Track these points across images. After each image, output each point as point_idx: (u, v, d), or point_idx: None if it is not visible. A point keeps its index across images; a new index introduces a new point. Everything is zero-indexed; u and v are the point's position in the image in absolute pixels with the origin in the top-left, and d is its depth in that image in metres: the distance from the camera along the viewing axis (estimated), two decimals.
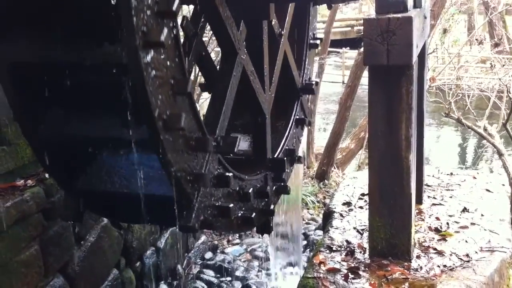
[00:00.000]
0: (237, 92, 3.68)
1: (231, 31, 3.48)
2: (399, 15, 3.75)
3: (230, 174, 3.32)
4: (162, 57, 2.54)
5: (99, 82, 2.79)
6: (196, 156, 2.96)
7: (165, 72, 2.57)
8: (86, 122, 3.02)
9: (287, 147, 4.80)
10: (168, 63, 2.59)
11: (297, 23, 5.20)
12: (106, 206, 3.53)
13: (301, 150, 6.52)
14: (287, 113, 5.10)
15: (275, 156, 4.58)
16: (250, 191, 3.70)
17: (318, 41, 5.60)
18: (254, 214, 3.76)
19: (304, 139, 7.91)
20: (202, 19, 4.61)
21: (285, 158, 4.56)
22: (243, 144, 4.55)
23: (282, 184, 4.52)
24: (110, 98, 2.71)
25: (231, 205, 3.35)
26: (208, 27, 4.64)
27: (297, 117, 5.17)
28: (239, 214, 3.64)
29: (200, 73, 5.37)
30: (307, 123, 5.40)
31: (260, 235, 7.53)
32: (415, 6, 4.24)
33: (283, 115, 5.05)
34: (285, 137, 4.86)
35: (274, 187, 4.41)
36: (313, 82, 5.42)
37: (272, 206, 4.20)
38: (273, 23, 4.35)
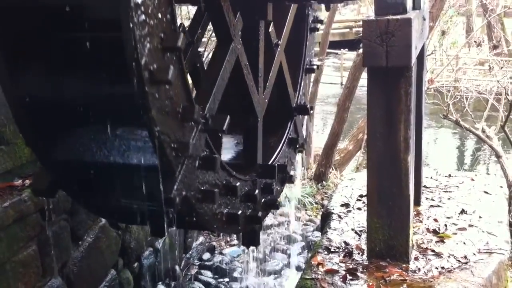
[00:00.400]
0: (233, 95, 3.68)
1: (228, 16, 3.44)
2: (398, 17, 3.76)
3: (217, 156, 3.26)
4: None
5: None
6: (183, 126, 2.85)
7: (154, 25, 2.52)
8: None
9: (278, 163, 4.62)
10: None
11: (294, 49, 5.19)
12: (83, 181, 3.39)
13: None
14: (279, 132, 4.93)
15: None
16: (237, 184, 3.54)
17: (314, 66, 5.59)
18: (240, 212, 3.66)
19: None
20: (199, 30, 4.62)
21: (276, 167, 4.31)
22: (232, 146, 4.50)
23: (272, 198, 4.30)
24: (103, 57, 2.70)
25: (216, 190, 3.26)
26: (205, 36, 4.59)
27: (290, 136, 4.98)
28: (224, 211, 3.54)
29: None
30: (300, 144, 5.26)
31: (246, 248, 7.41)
32: (414, 8, 4.24)
33: (275, 134, 4.90)
34: (276, 154, 4.71)
35: (263, 199, 4.20)
36: (309, 106, 5.32)
37: (260, 214, 3.94)
38: (270, 30, 4.31)
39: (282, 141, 4.83)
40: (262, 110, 4.19)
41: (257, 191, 3.95)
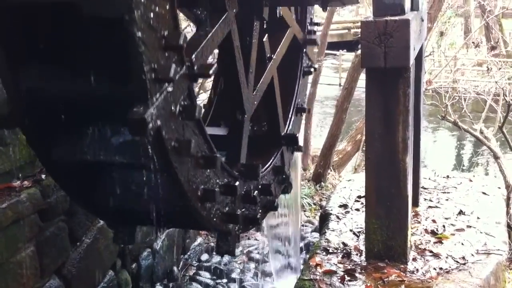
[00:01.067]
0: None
1: None
2: (397, 18, 3.77)
3: (217, 155, 3.26)
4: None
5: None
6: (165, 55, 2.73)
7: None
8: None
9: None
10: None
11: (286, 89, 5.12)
12: (83, 180, 3.32)
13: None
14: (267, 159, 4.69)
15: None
16: (237, 184, 3.52)
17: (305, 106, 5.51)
18: (239, 212, 3.66)
19: (301, 139, 7.90)
20: None
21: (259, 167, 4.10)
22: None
23: (270, 199, 4.24)
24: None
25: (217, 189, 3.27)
26: None
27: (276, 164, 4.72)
28: (224, 210, 3.51)
29: None
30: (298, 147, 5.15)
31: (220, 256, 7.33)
32: (412, 9, 4.25)
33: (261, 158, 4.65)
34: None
35: (262, 201, 4.13)
36: (297, 136, 5.13)
37: (258, 215, 3.89)
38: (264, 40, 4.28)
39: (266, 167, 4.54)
40: (251, 109, 4.03)
41: (255, 192, 3.93)
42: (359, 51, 8.55)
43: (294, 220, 6.81)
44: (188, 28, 8.06)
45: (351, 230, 4.95)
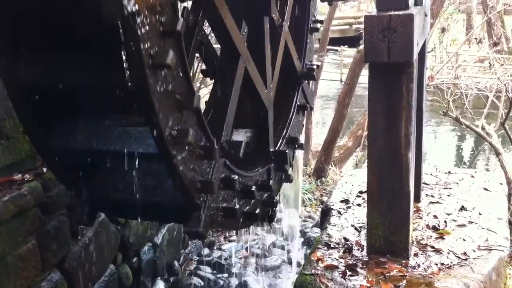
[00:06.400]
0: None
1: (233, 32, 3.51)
2: (400, 13, 3.75)
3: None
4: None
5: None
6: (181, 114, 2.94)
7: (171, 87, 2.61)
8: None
9: None
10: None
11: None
12: (81, 171, 3.38)
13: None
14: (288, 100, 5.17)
15: None
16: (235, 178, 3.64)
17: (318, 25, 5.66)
18: (238, 207, 3.71)
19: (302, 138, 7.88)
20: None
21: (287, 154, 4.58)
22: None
23: (270, 195, 4.41)
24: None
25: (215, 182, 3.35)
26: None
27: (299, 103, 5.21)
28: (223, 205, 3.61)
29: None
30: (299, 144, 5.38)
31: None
32: (416, 4, 4.23)
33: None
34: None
35: (262, 197, 4.33)
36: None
37: (257, 211, 3.97)
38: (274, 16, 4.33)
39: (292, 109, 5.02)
40: (270, 103, 4.26)
41: (254, 187, 3.98)
42: (361, 47, 8.52)
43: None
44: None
45: (352, 225, 4.94)
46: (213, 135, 3.15)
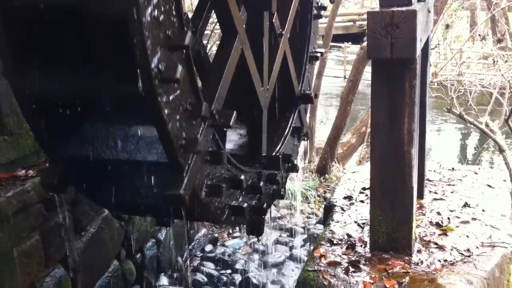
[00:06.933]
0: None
1: (233, 9, 3.43)
2: (403, 9, 3.73)
3: (224, 151, 3.29)
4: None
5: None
6: (191, 123, 2.90)
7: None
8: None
9: None
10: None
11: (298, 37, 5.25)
12: (90, 177, 3.37)
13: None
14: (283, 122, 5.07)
15: None
16: (242, 177, 3.63)
17: (318, 54, 5.62)
18: (246, 205, 3.72)
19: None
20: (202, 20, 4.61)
21: (281, 158, 4.46)
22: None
23: (277, 187, 4.40)
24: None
25: (223, 184, 3.31)
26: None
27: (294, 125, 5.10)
28: (231, 203, 3.60)
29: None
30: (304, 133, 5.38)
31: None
32: (419, 0, 4.22)
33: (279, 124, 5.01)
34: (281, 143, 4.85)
35: (268, 189, 4.32)
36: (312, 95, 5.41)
37: (264, 205, 4.06)
38: (273, 21, 4.31)
39: (287, 131, 4.86)
40: (266, 103, 4.20)
41: (261, 183, 3.98)
42: (364, 43, 8.51)
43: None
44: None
45: (355, 222, 4.93)
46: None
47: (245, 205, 3.72)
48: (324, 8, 5.62)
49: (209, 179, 3.20)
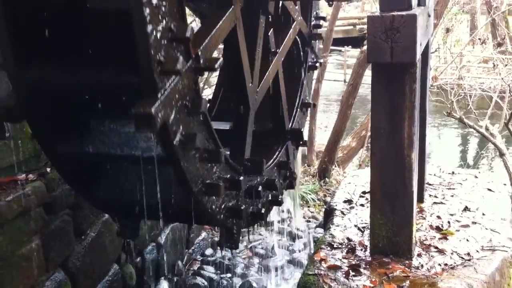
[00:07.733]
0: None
1: None
2: (404, 13, 3.75)
3: (222, 150, 3.22)
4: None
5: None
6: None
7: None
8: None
9: None
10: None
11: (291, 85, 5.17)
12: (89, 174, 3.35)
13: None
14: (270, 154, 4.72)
15: None
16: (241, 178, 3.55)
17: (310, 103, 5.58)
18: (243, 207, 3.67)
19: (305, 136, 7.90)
20: None
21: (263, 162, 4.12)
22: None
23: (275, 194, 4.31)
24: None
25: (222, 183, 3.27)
26: None
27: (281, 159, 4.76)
28: (229, 204, 3.53)
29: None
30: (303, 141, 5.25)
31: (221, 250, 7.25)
32: (419, 4, 4.23)
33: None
34: None
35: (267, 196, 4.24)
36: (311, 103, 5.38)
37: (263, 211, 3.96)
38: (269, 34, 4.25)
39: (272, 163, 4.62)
40: (255, 103, 4.01)
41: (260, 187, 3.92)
42: (364, 47, 8.52)
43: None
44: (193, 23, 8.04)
45: (355, 226, 4.94)
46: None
47: (243, 207, 3.61)
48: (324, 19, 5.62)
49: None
